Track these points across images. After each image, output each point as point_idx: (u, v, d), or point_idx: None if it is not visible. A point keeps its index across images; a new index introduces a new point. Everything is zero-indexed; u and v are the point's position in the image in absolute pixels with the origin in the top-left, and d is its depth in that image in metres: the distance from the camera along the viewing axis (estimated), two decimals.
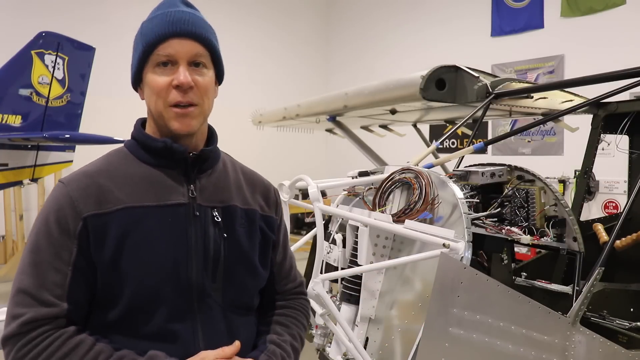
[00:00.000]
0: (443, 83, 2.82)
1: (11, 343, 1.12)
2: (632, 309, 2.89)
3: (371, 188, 2.59)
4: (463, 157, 3.32)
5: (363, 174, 2.68)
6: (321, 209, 2.31)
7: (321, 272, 2.29)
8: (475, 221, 2.44)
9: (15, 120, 6.10)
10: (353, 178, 2.70)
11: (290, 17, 11.10)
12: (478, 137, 3.21)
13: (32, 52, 6.21)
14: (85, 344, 1.14)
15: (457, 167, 3.49)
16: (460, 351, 1.79)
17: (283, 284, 1.51)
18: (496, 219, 2.70)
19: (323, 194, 2.53)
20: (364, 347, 2.24)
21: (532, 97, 3.00)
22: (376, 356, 2.23)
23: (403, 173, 2.42)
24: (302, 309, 1.53)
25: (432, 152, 2.94)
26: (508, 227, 2.56)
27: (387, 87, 3.13)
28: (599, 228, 2.71)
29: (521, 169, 2.99)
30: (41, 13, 7.73)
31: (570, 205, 3.03)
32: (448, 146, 8.66)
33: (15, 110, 6.10)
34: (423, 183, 2.27)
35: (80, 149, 6.93)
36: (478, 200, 2.79)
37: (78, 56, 6.75)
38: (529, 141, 7.96)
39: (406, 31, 9.89)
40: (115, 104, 7.64)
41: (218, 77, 1.36)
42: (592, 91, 2.68)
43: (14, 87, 6.09)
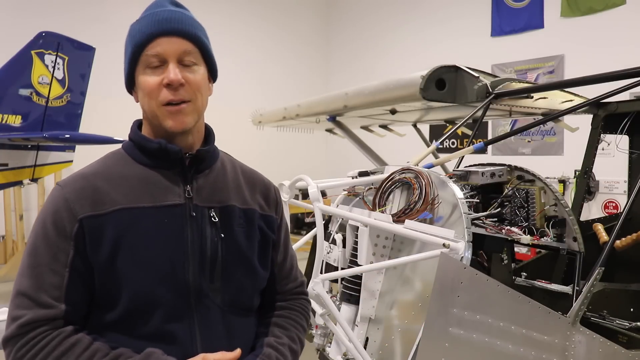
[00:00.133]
0: (443, 83, 2.82)
1: (11, 344, 1.14)
2: (632, 309, 2.89)
3: (371, 188, 2.59)
4: (463, 157, 3.32)
5: (363, 174, 2.68)
6: (321, 209, 2.31)
7: (321, 272, 2.29)
8: (475, 221, 2.44)
9: (15, 120, 6.10)
10: (353, 178, 2.70)
11: (290, 17, 11.10)
12: (478, 137, 3.21)
13: (32, 52, 6.21)
14: (82, 343, 1.14)
15: (457, 167, 3.49)
16: (460, 351, 1.79)
17: (284, 284, 1.50)
18: (496, 219, 2.70)
19: (323, 194, 2.53)
20: (364, 347, 2.24)
21: (532, 97, 3.00)
22: (376, 356, 2.23)
23: (403, 173, 2.42)
24: (302, 310, 1.51)
25: (432, 152, 2.94)
26: (508, 227, 2.55)
27: (387, 87, 3.13)
28: (599, 228, 2.71)
29: (521, 169, 2.99)
30: (41, 13, 7.73)
31: (570, 205, 3.03)
32: (448, 146, 8.66)
33: (15, 110, 6.10)
34: (423, 183, 2.27)
35: (80, 149, 6.93)
36: (478, 200, 2.79)
37: (78, 56, 6.75)
38: (529, 141, 7.96)
39: (406, 31, 9.89)
40: (115, 104, 7.61)
41: (211, 74, 1.35)
42: (592, 91, 2.68)
43: (14, 87, 6.09)
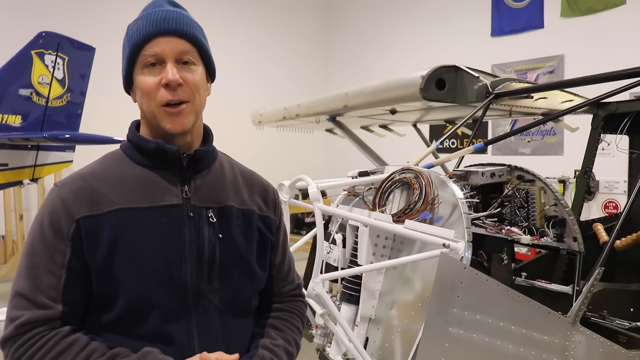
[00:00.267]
0: (443, 83, 2.82)
1: (9, 345, 1.15)
2: (632, 309, 2.89)
3: (371, 188, 2.59)
4: (463, 157, 3.32)
5: (363, 174, 2.68)
6: (321, 209, 2.30)
7: (321, 272, 2.29)
8: (475, 221, 2.44)
9: (15, 120, 6.10)
10: (353, 178, 2.69)
11: (290, 17, 11.10)
12: (478, 137, 3.21)
13: (32, 52, 6.21)
14: (79, 343, 1.14)
15: (457, 167, 3.49)
16: (460, 351, 1.79)
17: (281, 286, 1.49)
18: (496, 219, 2.70)
19: (323, 194, 2.53)
20: (364, 347, 2.24)
21: (532, 97, 3.00)
22: (376, 356, 2.23)
23: (403, 173, 2.42)
24: (299, 313, 1.51)
25: (432, 152, 2.94)
26: (508, 227, 2.55)
27: (387, 87, 3.13)
28: (599, 228, 2.71)
29: (521, 169, 2.99)
30: (41, 13, 7.73)
31: (570, 205, 3.03)
32: (448, 146, 8.66)
33: (15, 110, 6.10)
34: (423, 183, 2.26)
35: (80, 149, 6.93)
36: (478, 200, 2.79)
37: (78, 56, 6.76)
38: (529, 141, 7.96)
39: (406, 31, 9.89)
40: (115, 104, 7.59)
41: (210, 74, 1.35)
42: (592, 91, 2.68)
43: (14, 87, 6.10)
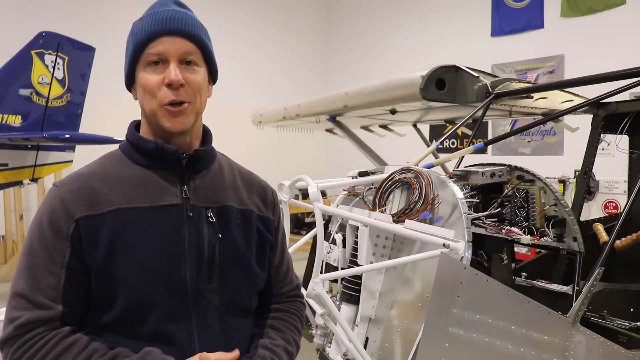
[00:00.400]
0: (443, 83, 2.82)
1: (8, 345, 1.14)
2: (632, 309, 2.89)
3: (371, 188, 2.58)
4: (463, 157, 3.32)
5: (363, 174, 2.68)
6: (321, 209, 2.30)
7: (321, 272, 2.29)
8: (475, 221, 2.44)
9: (15, 120, 6.10)
10: (353, 178, 2.69)
11: (290, 17, 11.10)
12: (478, 137, 3.21)
13: (32, 52, 6.21)
14: (79, 343, 1.14)
15: (457, 167, 3.49)
16: (460, 351, 1.79)
17: (279, 287, 1.49)
18: (496, 219, 2.70)
19: (323, 194, 2.53)
20: (364, 347, 2.24)
21: (532, 97, 3.00)
22: (376, 356, 2.23)
23: (403, 173, 2.42)
24: (298, 313, 1.51)
25: (432, 152, 2.94)
26: (508, 227, 2.55)
27: (387, 87, 3.13)
28: (599, 228, 2.71)
29: (521, 169, 2.99)
30: (41, 13, 7.73)
31: (570, 205, 3.03)
32: (448, 146, 8.66)
33: (15, 110, 6.10)
34: (423, 183, 2.26)
35: (80, 149, 6.94)
36: (478, 200, 2.79)
37: (78, 56, 6.76)
38: (529, 141, 7.96)
39: (406, 31, 9.89)
40: (115, 104, 7.60)
41: (211, 76, 1.35)
42: (592, 91, 2.68)
43: (14, 87, 6.10)
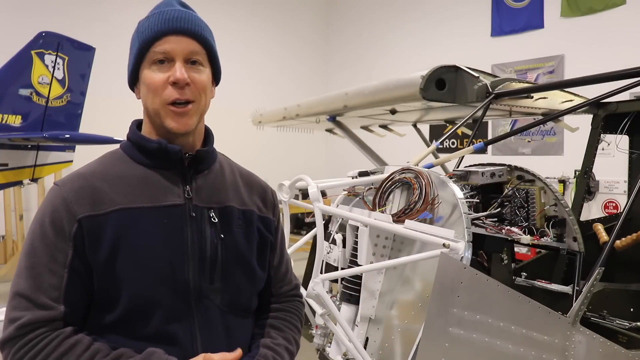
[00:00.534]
0: (443, 83, 2.82)
1: (9, 346, 1.12)
2: (632, 309, 2.89)
3: (371, 188, 2.58)
4: (463, 157, 3.32)
5: (363, 174, 2.68)
6: (321, 209, 2.30)
7: (321, 272, 2.29)
8: (475, 221, 2.43)
9: (15, 120, 6.10)
10: (353, 178, 2.69)
11: (290, 17, 11.10)
12: (478, 137, 3.20)
13: (32, 52, 6.21)
14: (82, 344, 1.13)
15: (457, 167, 3.49)
16: (460, 351, 1.79)
17: (279, 287, 1.50)
18: (496, 219, 2.69)
19: (323, 194, 2.53)
20: (364, 347, 2.24)
21: (532, 97, 3.00)
22: (376, 356, 2.23)
23: (403, 173, 2.42)
24: (297, 312, 1.52)
25: (432, 152, 2.94)
26: (508, 227, 2.55)
27: (387, 87, 3.13)
28: (599, 228, 2.71)
29: (521, 169, 2.99)
30: (41, 13, 7.73)
31: (570, 205, 3.02)
32: (448, 146, 8.66)
33: (15, 110, 6.10)
34: (423, 183, 2.26)
35: (80, 149, 6.94)
36: (478, 200, 2.79)
37: (78, 56, 6.76)
38: (529, 141, 7.96)
39: (406, 31, 9.89)
40: (115, 104, 7.62)
41: (215, 77, 1.35)
42: (592, 91, 2.68)
43: (14, 87, 6.10)
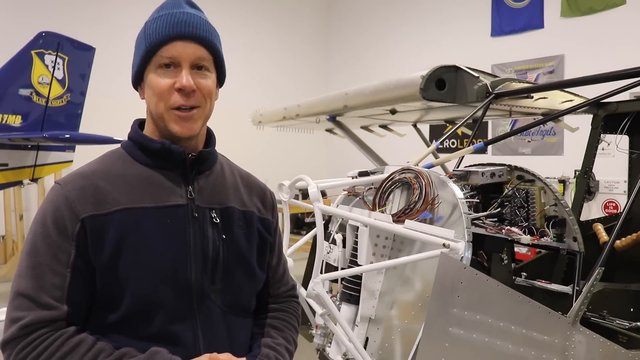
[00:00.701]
0: (443, 83, 2.82)
1: (10, 347, 1.11)
2: (632, 309, 2.89)
3: (371, 188, 2.58)
4: (463, 157, 3.32)
5: (363, 174, 2.68)
6: (321, 209, 2.30)
7: (321, 272, 2.29)
8: (475, 221, 2.43)
9: (15, 120, 6.11)
10: (353, 178, 2.69)
11: (290, 17, 11.10)
12: (478, 137, 3.20)
13: (32, 52, 6.21)
14: (85, 343, 1.13)
15: (457, 167, 3.49)
16: (460, 351, 1.79)
17: (276, 287, 1.51)
18: (496, 219, 2.69)
19: (323, 194, 2.53)
20: (364, 347, 2.24)
21: (532, 97, 3.00)
22: (376, 356, 2.23)
23: (403, 173, 2.41)
24: (295, 313, 1.54)
25: (432, 152, 2.94)
26: (508, 227, 2.55)
27: (387, 87, 3.13)
28: (599, 228, 2.71)
29: (521, 169, 2.99)
30: (41, 13, 7.73)
31: (570, 205, 3.02)
32: (448, 146, 8.66)
33: (15, 110, 6.10)
34: (423, 183, 2.26)
35: (80, 149, 6.94)
36: (478, 200, 2.79)
37: (78, 56, 6.76)
38: (529, 141, 7.96)
39: (406, 31, 9.89)
40: (115, 104, 7.64)
41: (219, 80, 1.36)
42: (592, 91, 2.68)
43: (14, 87, 6.10)
